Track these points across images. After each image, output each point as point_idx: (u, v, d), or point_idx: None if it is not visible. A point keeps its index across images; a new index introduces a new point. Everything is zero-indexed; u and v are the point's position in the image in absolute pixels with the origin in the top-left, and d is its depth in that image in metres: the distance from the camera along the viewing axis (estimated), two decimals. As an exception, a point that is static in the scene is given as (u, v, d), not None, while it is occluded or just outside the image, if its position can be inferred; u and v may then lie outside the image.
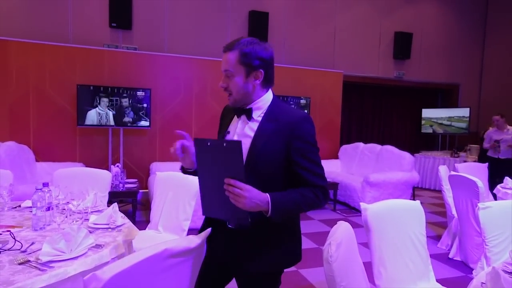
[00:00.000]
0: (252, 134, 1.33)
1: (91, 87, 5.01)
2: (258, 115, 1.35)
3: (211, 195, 1.29)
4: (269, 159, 1.30)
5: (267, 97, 1.37)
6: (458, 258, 3.49)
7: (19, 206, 2.12)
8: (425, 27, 8.08)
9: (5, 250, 1.40)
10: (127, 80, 5.31)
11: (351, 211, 5.33)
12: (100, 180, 2.76)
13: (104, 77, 5.24)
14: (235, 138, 1.37)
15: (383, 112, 8.51)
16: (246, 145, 1.31)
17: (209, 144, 1.22)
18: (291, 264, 1.40)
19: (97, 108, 5.04)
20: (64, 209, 1.88)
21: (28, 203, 2.09)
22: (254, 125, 1.34)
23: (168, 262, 1.13)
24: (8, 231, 1.59)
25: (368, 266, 1.68)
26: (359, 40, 7.49)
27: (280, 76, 6.32)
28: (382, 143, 6.53)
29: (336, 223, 1.44)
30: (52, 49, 5.00)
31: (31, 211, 1.74)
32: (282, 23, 6.80)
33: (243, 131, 1.35)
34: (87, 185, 2.64)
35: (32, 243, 1.49)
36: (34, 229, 1.69)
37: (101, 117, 5.07)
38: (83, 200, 1.97)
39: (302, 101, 6.34)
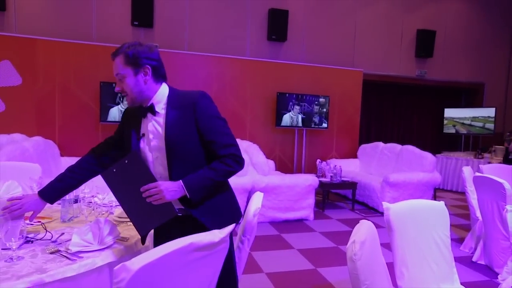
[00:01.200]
0: (163, 127, 1.41)
1: (113, 85, 5.11)
2: (161, 107, 1.45)
3: (138, 214, 1.38)
4: (185, 143, 1.41)
5: (163, 90, 1.48)
6: (482, 262, 3.39)
7: (48, 198, 2.19)
8: (448, 24, 7.86)
9: (37, 239, 1.46)
10: (148, 78, 5.40)
11: (370, 211, 5.26)
12: (123, 175, 2.81)
13: (126, 74, 5.34)
14: (150, 137, 1.46)
15: (404, 111, 8.34)
16: (161, 139, 1.42)
17: (114, 170, 1.35)
18: (238, 219, 1.55)
19: (119, 106, 5.15)
20: (90, 202, 1.94)
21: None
22: (161, 119, 1.43)
23: (194, 255, 1.15)
24: (39, 221, 1.66)
25: (390, 267, 1.66)
26: (380, 38, 7.36)
27: (299, 74, 6.40)
28: (402, 143, 6.40)
29: (354, 223, 1.44)
30: (77, 47, 5.15)
31: (59, 204, 1.80)
32: (302, 21, 6.76)
33: (154, 128, 1.44)
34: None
35: (62, 234, 1.54)
36: (63, 221, 1.75)
37: (122, 114, 5.17)
38: (107, 193, 2.02)
39: (321, 100, 6.29)
